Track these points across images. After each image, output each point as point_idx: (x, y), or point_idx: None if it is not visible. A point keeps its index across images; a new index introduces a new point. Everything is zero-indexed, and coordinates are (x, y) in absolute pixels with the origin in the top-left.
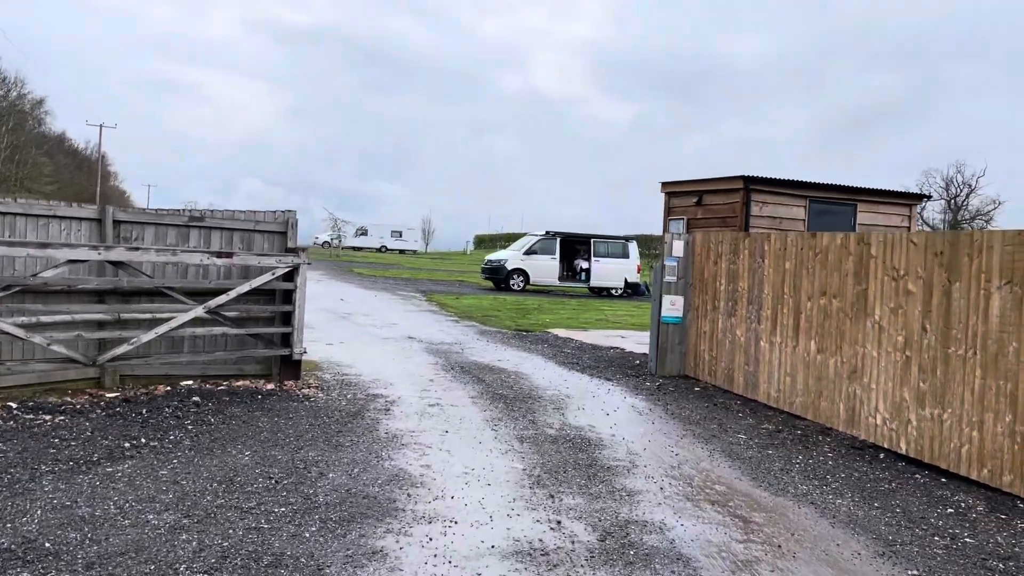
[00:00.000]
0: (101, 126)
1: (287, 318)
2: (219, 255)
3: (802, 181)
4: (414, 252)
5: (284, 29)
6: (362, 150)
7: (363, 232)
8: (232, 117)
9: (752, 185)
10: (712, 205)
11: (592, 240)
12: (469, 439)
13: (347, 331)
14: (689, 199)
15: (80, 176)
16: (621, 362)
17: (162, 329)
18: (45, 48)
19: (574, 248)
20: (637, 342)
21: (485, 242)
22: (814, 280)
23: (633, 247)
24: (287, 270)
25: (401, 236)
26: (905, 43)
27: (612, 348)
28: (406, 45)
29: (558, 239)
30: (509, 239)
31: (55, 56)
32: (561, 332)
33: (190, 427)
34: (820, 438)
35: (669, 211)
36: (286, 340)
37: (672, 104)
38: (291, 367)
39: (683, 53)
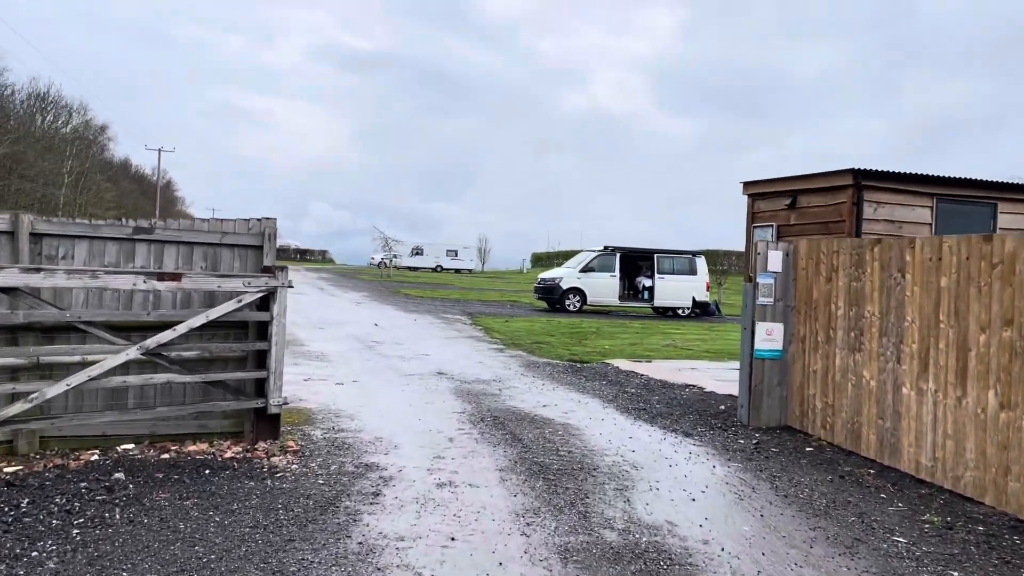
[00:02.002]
0: (160, 150)
1: (262, 359)
2: (160, 277)
3: (928, 175)
4: (470, 271)
5: (347, 56)
6: (424, 171)
7: (418, 252)
8: (300, 143)
9: (865, 180)
10: (810, 207)
11: (655, 255)
12: (486, 555)
13: (368, 365)
14: (780, 201)
15: (145, 202)
16: (700, 407)
17: (76, 380)
18: (117, 77)
19: (636, 264)
20: (717, 378)
21: (542, 260)
22: (990, 303)
23: (701, 262)
24: (259, 295)
25: (457, 255)
26: (983, 50)
27: (687, 386)
28: (466, 67)
29: (618, 255)
30: (567, 256)
31: (127, 85)
32: (623, 364)
33: (75, 532)
34: (1018, 540)
35: (753, 217)
36: (260, 388)
37: (735, 118)
38: (267, 423)
39: (744, 66)
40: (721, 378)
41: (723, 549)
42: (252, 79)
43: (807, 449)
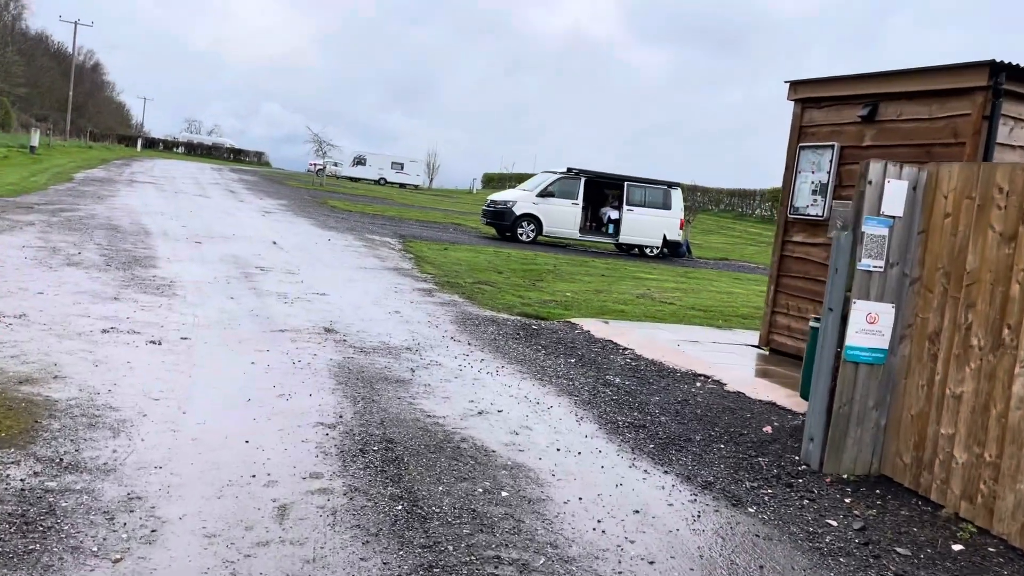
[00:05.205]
0: (76, 23)
1: None
2: None
3: None
4: (416, 187)
5: None
6: (386, 80)
7: (360, 161)
8: (256, 38)
9: (1009, 82)
10: (901, 121)
11: (626, 183)
12: None
13: (225, 307)
14: (848, 110)
15: (64, 83)
16: (730, 425)
17: None
18: None
19: (602, 193)
20: (731, 361)
21: (494, 181)
22: None
23: (677, 195)
24: None
25: (402, 168)
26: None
27: (696, 377)
28: None
29: (582, 180)
30: (521, 180)
31: None
32: (595, 325)
33: None
34: None
35: (802, 132)
36: None
37: (710, 52)
38: None
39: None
40: (739, 363)
41: None
42: None
43: (953, 547)
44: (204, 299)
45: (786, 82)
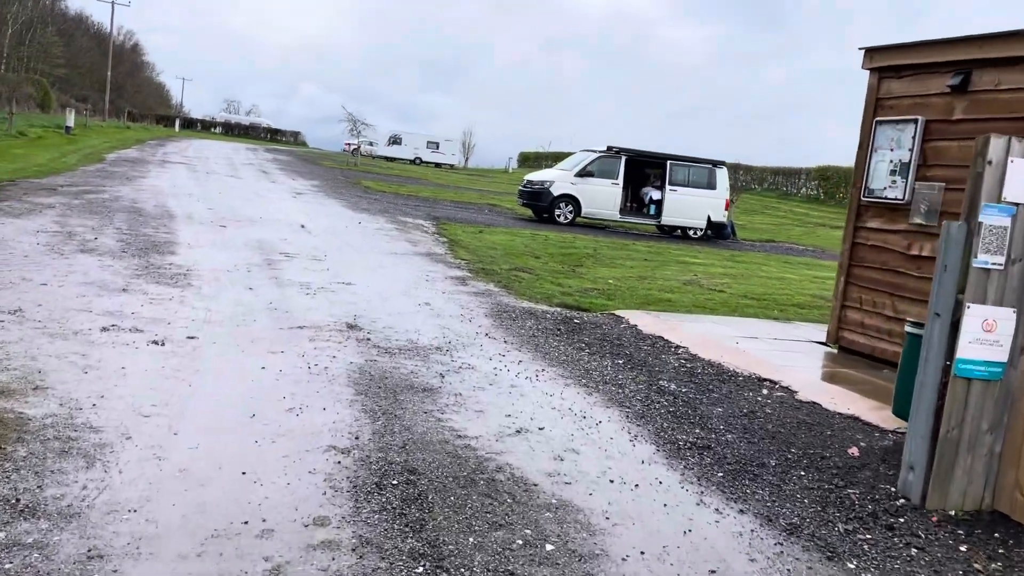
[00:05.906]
0: (113, 2)
1: None
2: None
3: None
4: (451, 167)
5: None
6: (423, 60)
7: (396, 141)
8: (297, 20)
9: None
10: (998, 92)
11: (668, 162)
12: None
13: (242, 299)
14: (935, 80)
15: (104, 63)
16: (808, 445)
17: None
18: None
19: (643, 172)
20: (795, 361)
21: (530, 160)
22: None
23: (722, 175)
24: None
25: (438, 148)
26: None
27: (761, 382)
28: None
29: (623, 159)
30: (557, 159)
31: None
32: (642, 318)
33: None
34: None
35: (878, 106)
36: None
37: (753, 28)
38: None
39: None
40: (807, 364)
41: None
42: None
43: None
44: (220, 290)
45: (861, 49)
